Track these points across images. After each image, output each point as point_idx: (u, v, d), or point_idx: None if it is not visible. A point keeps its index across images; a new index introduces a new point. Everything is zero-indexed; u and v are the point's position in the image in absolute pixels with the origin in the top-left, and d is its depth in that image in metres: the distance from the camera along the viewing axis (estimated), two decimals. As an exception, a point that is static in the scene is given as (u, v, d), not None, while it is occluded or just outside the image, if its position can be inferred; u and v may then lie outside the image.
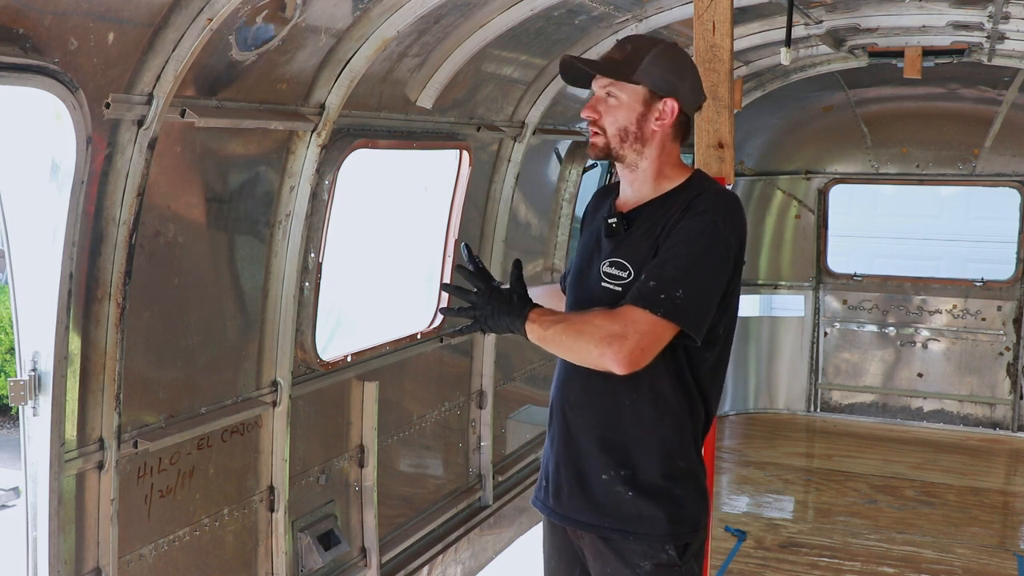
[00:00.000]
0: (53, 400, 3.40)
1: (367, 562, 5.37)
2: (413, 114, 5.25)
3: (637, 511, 3.08)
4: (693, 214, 2.97)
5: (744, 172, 9.93)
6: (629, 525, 3.09)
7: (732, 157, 4.29)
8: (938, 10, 6.38)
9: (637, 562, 3.09)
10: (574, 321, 2.96)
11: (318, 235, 4.69)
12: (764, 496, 7.92)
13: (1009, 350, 9.43)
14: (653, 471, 3.08)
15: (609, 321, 2.88)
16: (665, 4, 5.72)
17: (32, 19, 2.96)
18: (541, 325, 2.98)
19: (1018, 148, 9.23)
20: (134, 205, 3.54)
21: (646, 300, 2.87)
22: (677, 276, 2.89)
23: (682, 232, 2.95)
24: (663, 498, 3.08)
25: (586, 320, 2.93)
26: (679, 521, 3.10)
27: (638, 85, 3.06)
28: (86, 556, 3.68)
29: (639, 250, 3.04)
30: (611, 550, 3.13)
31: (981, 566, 6.57)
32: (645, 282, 2.91)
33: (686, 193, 3.08)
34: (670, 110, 3.08)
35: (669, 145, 3.13)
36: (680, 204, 3.04)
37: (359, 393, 5.31)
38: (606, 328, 2.86)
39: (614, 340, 2.84)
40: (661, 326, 2.87)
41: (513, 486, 6.96)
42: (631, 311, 2.88)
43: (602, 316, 2.92)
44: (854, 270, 9.96)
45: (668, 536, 3.08)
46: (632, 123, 3.08)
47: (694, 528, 3.14)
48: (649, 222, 3.07)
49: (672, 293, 2.87)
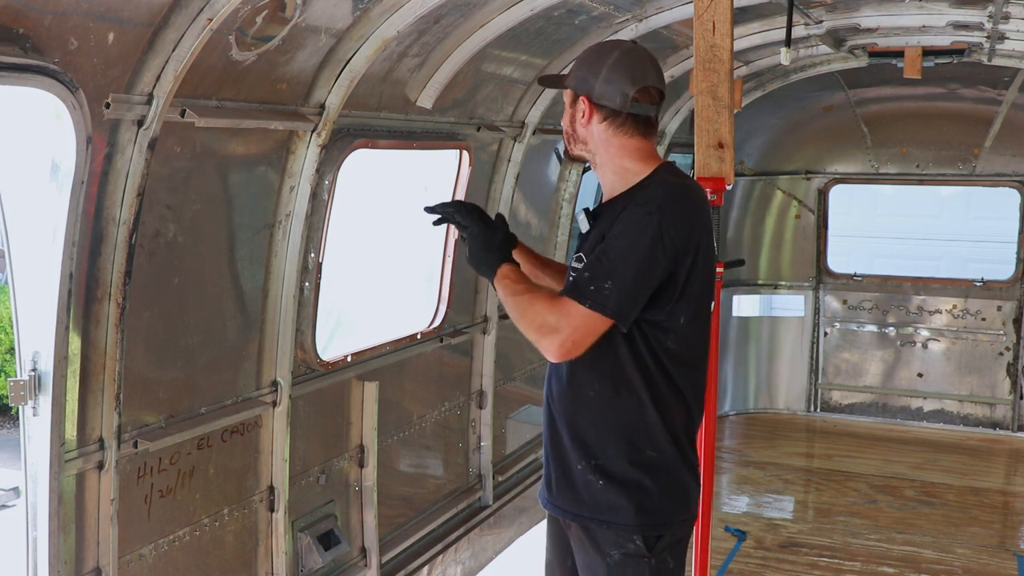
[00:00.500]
0: (53, 400, 3.40)
1: (367, 562, 5.37)
2: (413, 114, 5.25)
3: (607, 500, 3.16)
4: (632, 207, 3.05)
5: (744, 172, 9.93)
6: (601, 514, 3.18)
7: (732, 157, 4.29)
8: (938, 10, 6.38)
9: (608, 551, 3.18)
10: (523, 300, 3.12)
11: (318, 235, 4.69)
12: (764, 496, 7.92)
13: (1009, 350, 9.43)
14: (620, 460, 3.16)
15: (547, 310, 3.04)
16: (665, 4, 5.72)
17: (32, 19, 2.96)
18: (503, 286, 3.20)
19: (1018, 148, 9.23)
20: (134, 205, 3.54)
21: (578, 291, 3.02)
22: (609, 268, 3.00)
23: (620, 224, 3.04)
24: (632, 487, 3.15)
25: (532, 302, 3.10)
26: (647, 512, 3.15)
27: (567, 90, 3.25)
28: (86, 556, 3.68)
29: (593, 244, 3.15)
30: (588, 538, 3.23)
31: (981, 566, 6.57)
32: (581, 272, 3.04)
33: (641, 187, 3.13)
34: (586, 108, 3.18)
35: (615, 140, 3.17)
36: (631, 199, 3.11)
37: (359, 393, 5.31)
38: (543, 318, 3.04)
39: (549, 332, 3.02)
40: (591, 318, 2.99)
41: (513, 486, 6.96)
42: (565, 303, 3.03)
43: (544, 302, 3.07)
44: (854, 270, 9.96)
45: (636, 527, 3.15)
46: (568, 126, 3.27)
47: (664, 521, 3.18)
48: (609, 217, 3.15)
49: (601, 285, 2.98)
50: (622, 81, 3.13)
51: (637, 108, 3.14)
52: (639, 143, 3.18)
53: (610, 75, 3.13)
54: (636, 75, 3.14)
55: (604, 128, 3.16)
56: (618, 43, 3.24)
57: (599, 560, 3.20)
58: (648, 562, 3.16)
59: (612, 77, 3.12)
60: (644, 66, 3.16)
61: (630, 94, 3.12)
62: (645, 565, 3.16)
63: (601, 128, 3.16)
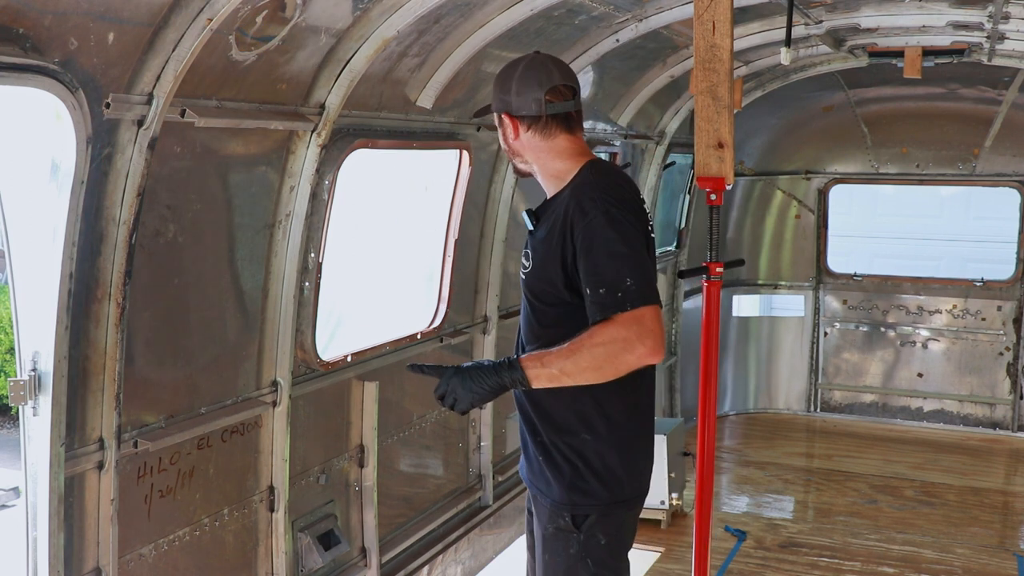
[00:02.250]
0: (53, 400, 3.40)
1: (367, 562, 5.37)
2: (413, 114, 5.25)
3: (545, 476, 3.37)
4: (585, 214, 3.16)
5: (744, 172, 9.94)
6: (541, 489, 3.40)
7: (732, 157, 4.29)
8: (938, 10, 6.38)
9: (545, 523, 3.40)
10: (581, 358, 3.03)
11: (318, 235, 4.69)
12: (764, 496, 7.92)
13: (1009, 350, 9.43)
14: (558, 440, 3.33)
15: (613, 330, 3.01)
16: (665, 4, 5.72)
17: (32, 19, 2.96)
18: (543, 364, 3.08)
19: (1018, 148, 9.23)
20: (134, 205, 3.54)
21: (611, 307, 3.03)
22: (617, 272, 3.06)
23: (589, 236, 3.14)
24: (564, 467, 3.31)
25: (591, 348, 3.03)
26: (576, 491, 3.31)
27: (493, 114, 3.48)
28: (86, 556, 3.68)
29: (538, 244, 3.33)
30: (537, 508, 3.46)
31: (981, 566, 6.57)
32: (595, 293, 3.07)
33: (569, 190, 3.30)
34: (509, 123, 3.39)
35: (543, 144, 3.37)
36: (563, 203, 3.26)
37: (359, 393, 5.31)
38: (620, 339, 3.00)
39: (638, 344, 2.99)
40: (643, 313, 3.02)
41: (513, 486, 6.96)
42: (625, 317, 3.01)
43: (598, 337, 3.03)
44: (854, 270, 9.96)
45: (565, 504, 3.32)
46: (504, 144, 3.48)
47: (594, 503, 3.32)
48: (547, 217, 3.34)
49: (624, 286, 3.04)
50: (532, 89, 3.34)
51: (553, 108, 3.34)
52: (566, 141, 3.38)
53: (520, 87, 3.35)
54: (542, 79, 3.35)
55: (531, 136, 3.37)
56: (521, 58, 3.45)
57: (539, 530, 3.43)
58: (576, 537, 3.33)
59: (522, 88, 3.34)
60: (548, 70, 3.37)
61: (542, 98, 3.33)
62: (573, 540, 3.33)
63: (528, 136, 3.38)
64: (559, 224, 3.23)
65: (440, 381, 3.14)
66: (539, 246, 3.32)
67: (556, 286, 3.24)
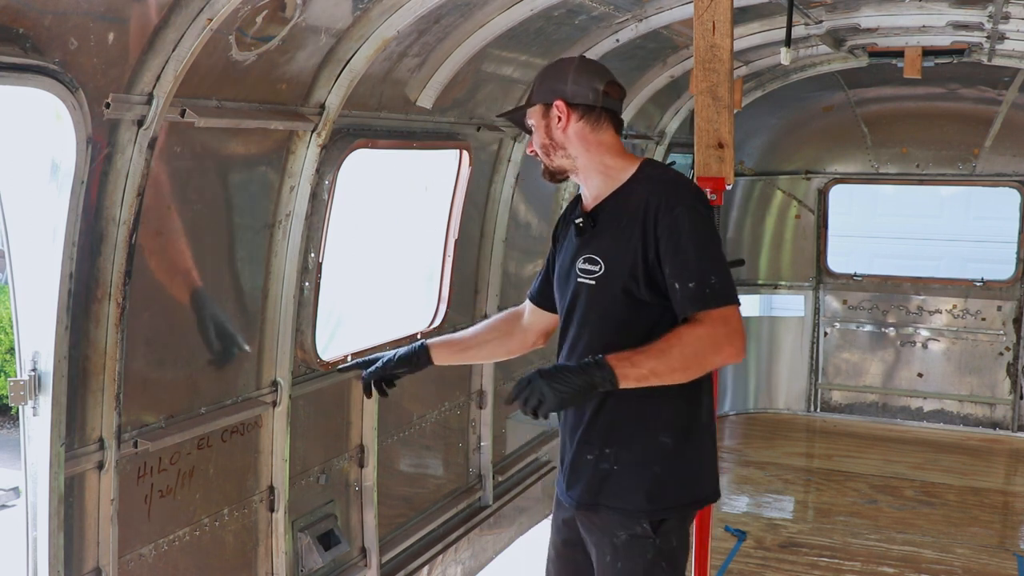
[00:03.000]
0: (53, 400, 3.40)
1: (367, 562, 5.37)
2: (413, 114, 5.25)
3: (619, 486, 3.26)
4: (666, 211, 3.11)
5: (744, 172, 9.93)
6: (610, 500, 3.27)
7: (732, 157, 4.29)
8: (938, 10, 6.38)
9: (615, 532, 3.28)
10: (666, 346, 3.03)
11: (318, 235, 4.69)
12: (764, 496, 7.92)
13: (1009, 350, 9.43)
14: (635, 446, 3.25)
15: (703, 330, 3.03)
16: (665, 4, 5.72)
17: (32, 19, 2.96)
18: (632, 364, 3.01)
19: (1018, 148, 9.23)
20: (134, 205, 3.54)
21: (700, 301, 3.05)
22: (706, 268, 3.07)
23: (677, 230, 3.10)
24: (643, 473, 3.24)
25: (681, 346, 3.03)
26: (655, 497, 3.24)
27: (534, 106, 3.34)
28: (86, 556, 3.68)
29: (608, 244, 3.22)
30: (599, 520, 3.32)
31: (981, 566, 6.56)
32: (685, 287, 3.07)
33: (642, 186, 3.22)
34: (562, 110, 3.27)
35: (592, 138, 3.29)
36: (639, 199, 3.18)
37: (359, 393, 5.30)
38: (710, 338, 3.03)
39: (728, 343, 3.04)
40: (730, 312, 3.06)
41: (513, 486, 6.96)
42: (715, 315, 3.03)
43: (687, 329, 3.04)
44: (854, 270, 9.95)
45: (644, 512, 3.24)
46: (544, 137, 3.32)
47: (670, 506, 3.27)
48: (613, 216, 3.23)
49: (710, 282, 3.06)
50: (591, 78, 3.30)
51: (609, 103, 3.30)
52: (613, 138, 3.33)
53: (578, 76, 3.29)
54: (601, 72, 3.34)
55: (582, 127, 3.29)
56: (571, 56, 3.44)
57: (606, 541, 3.30)
58: (652, 542, 3.25)
59: (580, 78, 3.29)
60: (604, 68, 3.38)
61: (600, 88, 3.29)
62: (650, 545, 3.25)
63: (579, 127, 3.29)
64: (637, 221, 3.15)
65: (517, 383, 2.99)
66: (609, 247, 3.21)
67: (637, 285, 3.16)
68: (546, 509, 7.37)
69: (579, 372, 2.96)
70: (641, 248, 3.14)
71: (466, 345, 3.74)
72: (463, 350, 3.76)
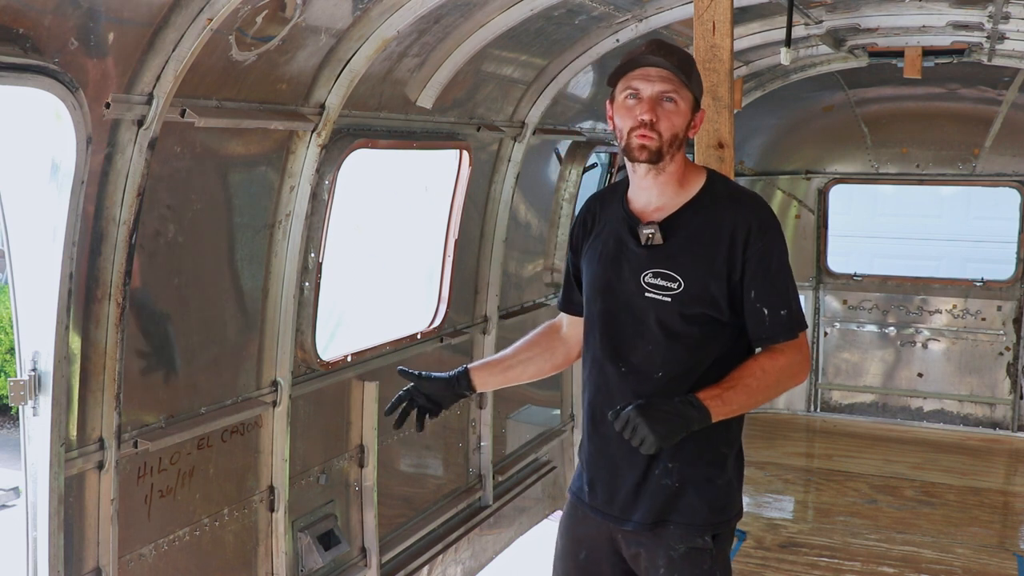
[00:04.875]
0: (53, 400, 3.40)
1: (367, 562, 5.37)
2: (413, 114, 5.24)
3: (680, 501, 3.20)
4: (764, 232, 3.11)
5: (744, 172, 9.93)
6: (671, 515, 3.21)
7: (732, 157, 4.28)
8: (938, 10, 6.38)
9: (674, 544, 3.21)
10: (753, 383, 3.11)
11: (318, 235, 4.69)
12: (764, 496, 7.92)
13: (1009, 350, 9.43)
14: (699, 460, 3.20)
15: (785, 358, 3.14)
16: (665, 4, 5.71)
17: (32, 19, 2.96)
18: (724, 402, 3.07)
19: (1018, 148, 9.23)
20: (134, 205, 3.54)
21: (790, 329, 3.15)
22: (793, 296, 3.18)
23: (769, 255, 3.12)
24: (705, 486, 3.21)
25: (764, 377, 3.13)
26: (716, 509, 3.23)
27: (691, 94, 3.12)
28: (86, 556, 3.68)
29: (686, 260, 3.10)
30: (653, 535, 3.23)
31: (981, 566, 6.56)
32: (777, 313, 3.13)
33: (723, 204, 3.14)
34: (700, 119, 3.19)
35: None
36: (724, 219, 3.10)
37: (359, 393, 5.31)
38: (785, 372, 3.14)
39: (797, 373, 3.18)
40: (804, 339, 3.22)
41: (513, 486, 6.96)
42: (788, 344, 3.14)
43: (768, 364, 3.14)
44: (854, 270, 9.96)
45: (708, 524, 3.21)
46: (682, 130, 3.11)
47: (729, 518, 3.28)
48: (691, 231, 3.12)
49: (798, 308, 3.19)
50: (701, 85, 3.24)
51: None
52: None
53: (700, 80, 3.21)
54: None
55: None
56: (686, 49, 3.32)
57: (661, 553, 3.21)
58: (710, 552, 3.23)
59: (699, 85, 3.20)
60: None
61: (699, 98, 3.21)
62: (707, 556, 3.23)
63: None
64: (723, 241, 3.08)
65: (621, 417, 2.95)
66: (689, 265, 3.09)
67: (718, 304, 3.09)
68: (546, 509, 7.37)
69: (677, 414, 2.96)
70: (726, 270, 3.08)
71: (508, 365, 3.55)
72: (506, 370, 3.55)
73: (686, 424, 2.96)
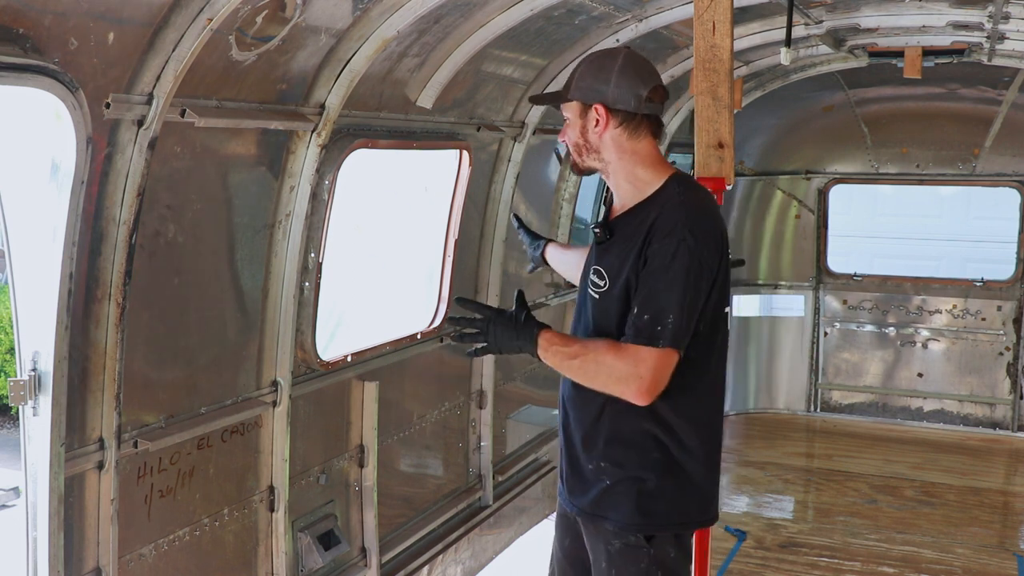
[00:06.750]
0: (53, 400, 3.40)
1: (367, 562, 5.37)
2: (413, 114, 5.25)
3: (612, 499, 3.29)
4: (661, 237, 3.08)
5: (744, 172, 9.93)
6: (605, 511, 3.31)
7: (732, 157, 4.29)
8: (938, 10, 6.38)
9: (610, 539, 3.31)
10: (586, 358, 3.15)
11: (318, 235, 4.69)
12: (764, 496, 7.92)
13: (1009, 350, 9.43)
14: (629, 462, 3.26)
15: (620, 360, 3.07)
16: (665, 4, 5.72)
17: (32, 19, 2.96)
18: (552, 353, 3.20)
19: (1018, 148, 9.23)
20: (134, 205, 3.54)
21: (646, 336, 3.05)
22: (665, 305, 3.05)
23: (656, 259, 3.08)
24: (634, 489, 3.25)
25: (598, 360, 3.12)
26: (647, 513, 3.26)
27: (572, 102, 3.26)
28: (86, 556, 3.68)
29: (614, 261, 3.21)
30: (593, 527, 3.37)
31: (981, 566, 6.57)
32: (639, 316, 3.07)
33: (656, 204, 3.17)
34: (600, 114, 3.20)
35: (628, 145, 3.22)
36: (649, 218, 3.14)
37: (359, 393, 5.31)
38: (619, 369, 3.08)
39: (630, 380, 3.06)
40: (664, 356, 3.05)
41: (513, 486, 6.96)
42: (637, 350, 3.05)
43: (612, 354, 3.09)
44: (854, 270, 9.95)
45: (635, 526, 3.26)
46: (579, 136, 3.27)
47: (664, 524, 3.28)
48: (625, 232, 3.21)
49: (665, 322, 3.04)
50: (634, 83, 3.20)
51: (650, 108, 3.22)
52: (649, 146, 3.25)
53: (620, 80, 3.19)
54: (645, 76, 3.23)
55: (619, 133, 3.22)
56: (617, 50, 3.31)
57: (601, 547, 3.33)
58: (646, 551, 3.27)
59: (623, 81, 3.19)
60: (649, 67, 3.27)
61: (643, 95, 3.20)
62: (644, 554, 3.27)
63: (616, 133, 3.22)
64: (638, 241, 3.12)
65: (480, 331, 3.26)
66: (614, 264, 3.19)
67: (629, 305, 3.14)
68: (546, 509, 7.37)
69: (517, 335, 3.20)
70: (634, 268, 3.12)
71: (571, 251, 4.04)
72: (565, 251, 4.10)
73: (518, 345, 3.21)
